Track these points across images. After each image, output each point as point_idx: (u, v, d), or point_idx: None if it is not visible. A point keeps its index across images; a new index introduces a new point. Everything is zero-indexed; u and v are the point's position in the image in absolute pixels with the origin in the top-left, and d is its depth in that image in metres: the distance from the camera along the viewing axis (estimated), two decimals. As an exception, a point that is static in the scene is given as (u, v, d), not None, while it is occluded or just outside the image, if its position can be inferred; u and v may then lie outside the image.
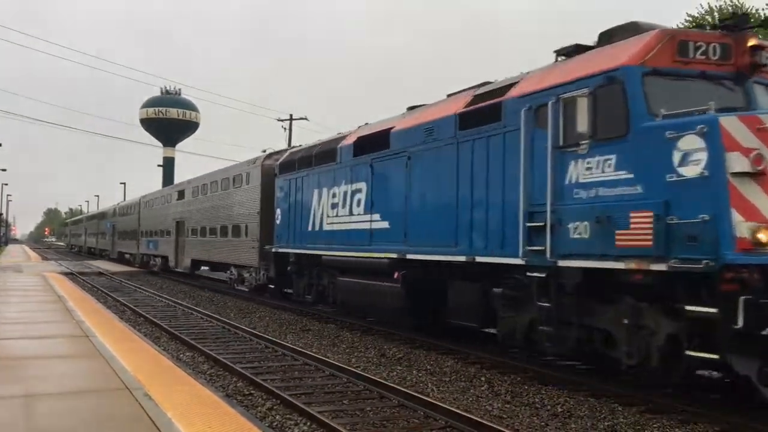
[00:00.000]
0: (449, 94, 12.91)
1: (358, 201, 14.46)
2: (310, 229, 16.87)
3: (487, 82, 11.91)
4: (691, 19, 28.43)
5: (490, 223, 10.41)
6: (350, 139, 15.39)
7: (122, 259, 47.18)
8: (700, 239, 7.19)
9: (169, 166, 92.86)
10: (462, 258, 10.99)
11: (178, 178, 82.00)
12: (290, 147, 25.59)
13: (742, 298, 6.86)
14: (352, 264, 14.55)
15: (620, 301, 8.41)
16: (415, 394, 8.35)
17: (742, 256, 7.02)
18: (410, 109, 14.23)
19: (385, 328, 14.40)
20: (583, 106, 8.75)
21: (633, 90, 8.20)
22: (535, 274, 9.26)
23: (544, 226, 9.10)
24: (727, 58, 8.35)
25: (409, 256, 12.50)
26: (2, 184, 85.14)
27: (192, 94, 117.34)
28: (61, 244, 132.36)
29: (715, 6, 28.50)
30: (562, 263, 8.89)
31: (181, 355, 11.56)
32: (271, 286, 20.97)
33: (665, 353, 7.88)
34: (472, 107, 11.24)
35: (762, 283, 7.05)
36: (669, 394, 8.57)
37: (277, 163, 19.88)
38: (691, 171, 7.43)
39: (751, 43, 8.32)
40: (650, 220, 7.68)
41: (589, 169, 8.64)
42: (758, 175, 7.15)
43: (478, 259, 10.62)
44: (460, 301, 11.48)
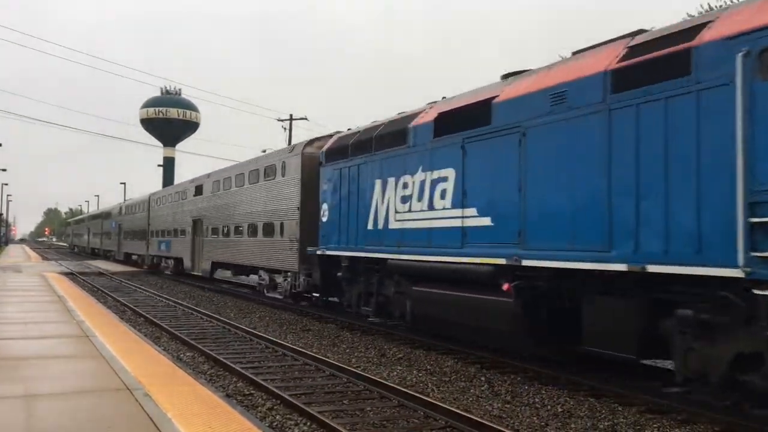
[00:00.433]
0: (575, 52, 10.11)
1: (442, 192, 11.65)
2: (370, 227, 13.93)
3: (642, 30, 9.09)
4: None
5: (675, 219, 7.71)
6: (427, 116, 12.54)
7: (129, 261, 44.96)
8: None
9: (169, 166, 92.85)
10: (621, 266, 8.17)
11: (178, 178, 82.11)
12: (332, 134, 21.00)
13: None
14: (434, 271, 11.81)
15: None
16: (415, 394, 8.36)
17: None
18: (507, 77, 11.33)
19: (386, 329, 14.38)
20: None
21: None
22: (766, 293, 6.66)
23: None
24: None
25: (528, 263, 9.59)
26: (2, 184, 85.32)
27: (192, 94, 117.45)
28: (62, 244, 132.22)
29: (716, 6, 28.53)
30: None
31: (182, 355, 11.57)
32: (315, 295, 17.70)
33: None
34: (636, 60, 8.38)
35: None
36: (669, 394, 8.57)
37: (323, 149, 16.71)
38: None
39: None
40: None
41: None
42: None
43: (652, 269, 7.81)
44: (606, 324, 8.66)
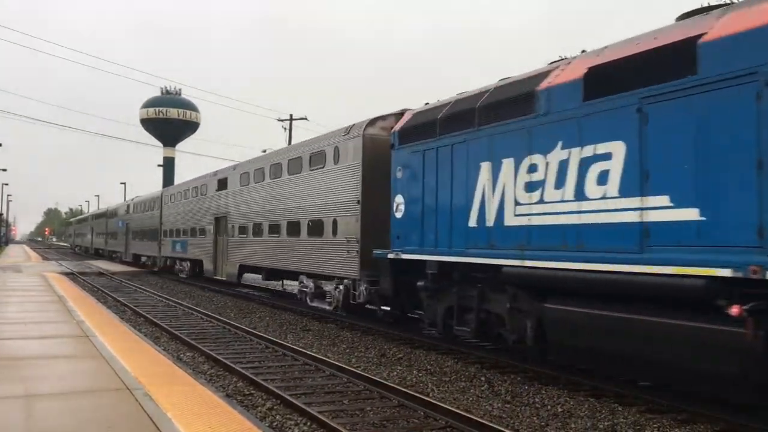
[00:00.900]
0: None
1: (601, 176, 8.73)
2: (472, 224, 10.93)
3: None
4: None
5: None
6: (568, 74, 9.50)
7: (138, 263, 41.47)
8: None
9: (169, 166, 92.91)
10: None
11: (178, 178, 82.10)
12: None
13: None
14: (587, 284, 8.77)
15: None
16: (415, 394, 8.36)
17: None
18: (688, 15, 8.50)
19: (385, 329, 14.37)
20: None
21: None
22: None
23: None
24: None
25: None
26: (2, 184, 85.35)
27: (192, 94, 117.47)
28: (63, 244, 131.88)
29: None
30: None
31: (182, 355, 11.57)
32: (384, 308, 14.73)
33: None
34: None
35: None
36: (669, 394, 8.57)
37: (395, 129, 13.61)
38: None
39: None
40: None
41: None
42: None
43: None
44: None
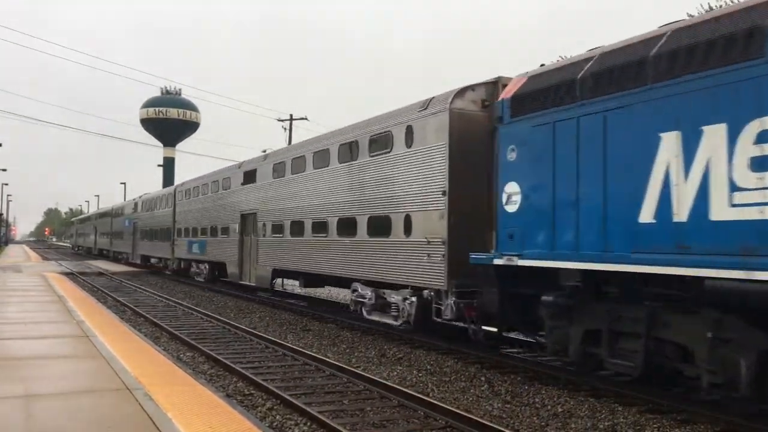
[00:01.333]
0: None
1: None
2: (646, 218, 7.96)
3: None
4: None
5: None
6: None
7: (146, 265, 38.66)
8: None
9: (169, 166, 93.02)
10: None
11: (179, 178, 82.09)
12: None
13: None
14: None
15: None
16: (415, 394, 8.36)
17: None
18: None
19: (385, 329, 14.38)
20: None
21: None
22: None
23: None
24: None
25: None
26: (2, 184, 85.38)
27: (192, 94, 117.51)
28: (65, 244, 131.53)
29: (716, 6, 28.54)
30: None
31: (182, 355, 11.57)
32: (472, 326, 11.65)
33: None
34: None
35: None
36: (669, 394, 8.57)
37: (506, 96, 10.35)
38: None
39: None
40: None
41: None
42: None
43: None
44: None
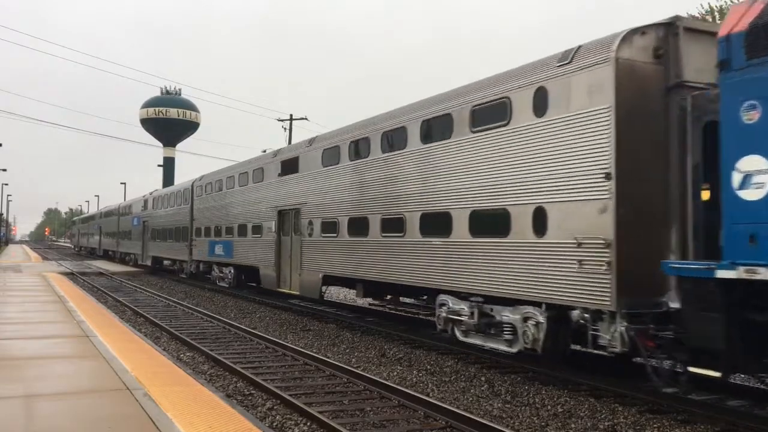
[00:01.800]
0: None
1: None
2: None
3: None
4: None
5: None
6: None
7: (160, 268, 36.11)
8: None
9: (169, 166, 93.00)
10: None
11: (178, 178, 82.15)
12: None
13: None
14: None
15: None
16: (416, 394, 8.36)
17: None
18: None
19: (385, 329, 14.38)
20: None
21: None
22: None
23: None
24: None
25: None
26: (2, 184, 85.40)
27: (192, 94, 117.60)
28: (65, 244, 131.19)
29: (716, 6, 28.55)
30: None
31: (182, 355, 11.57)
32: (653, 361, 8.25)
33: None
34: None
35: None
36: (669, 394, 8.56)
37: (740, 28, 7.14)
38: None
39: None
40: None
41: None
42: None
43: None
44: None
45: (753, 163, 6.91)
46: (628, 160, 8.64)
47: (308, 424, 7.37)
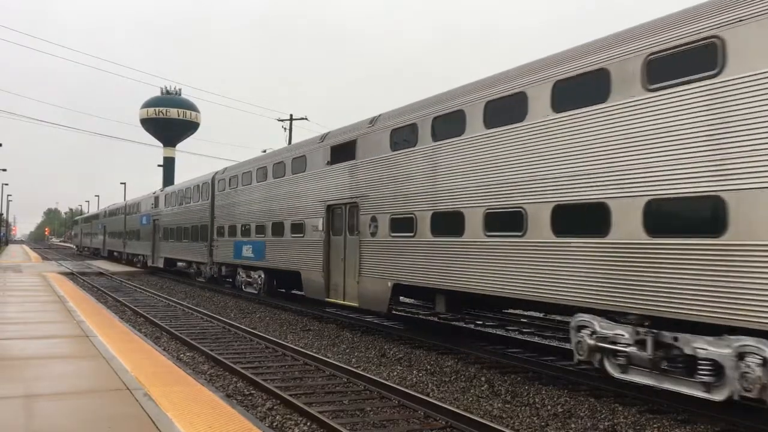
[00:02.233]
0: None
1: None
2: None
3: None
4: None
5: None
6: None
7: (172, 271, 33.97)
8: None
9: (169, 166, 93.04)
10: None
11: (178, 177, 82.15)
12: None
13: None
14: None
15: None
16: (416, 394, 8.36)
17: None
18: None
19: (385, 328, 14.39)
20: None
21: None
22: None
23: None
24: None
25: None
26: (2, 184, 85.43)
27: (192, 94, 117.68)
28: (65, 244, 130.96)
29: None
30: None
31: (182, 355, 11.57)
32: None
33: None
34: None
35: None
36: (669, 394, 8.56)
37: None
38: None
39: None
40: None
41: None
42: None
43: None
44: None
45: None
46: None
47: (308, 424, 7.37)
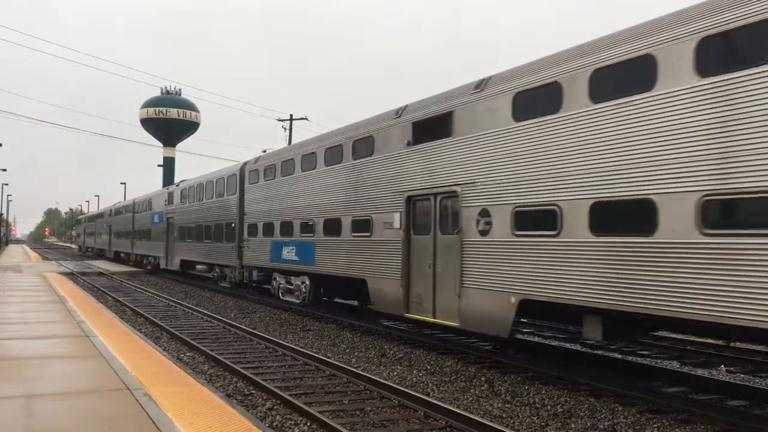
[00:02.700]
0: None
1: None
2: None
3: None
4: None
5: None
6: None
7: (188, 274, 31.72)
8: None
9: (169, 166, 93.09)
10: None
11: (179, 178, 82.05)
12: None
13: None
14: None
15: None
16: (416, 394, 8.35)
17: None
18: None
19: (385, 328, 14.39)
20: None
21: None
22: None
23: None
24: None
25: None
26: (2, 184, 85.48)
27: (192, 94, 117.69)
28: (66, 244, 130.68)
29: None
30: None
31: (182, 355, 11.57)
32: None
33: None
34: None
35: None
36: (669, 394, 8.57)
37: None
38: None
39: None
40: None
41: None
42: None
43: None
44: None
45: None
46: None
47: (308, 424, 7.38)
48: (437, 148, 12.31)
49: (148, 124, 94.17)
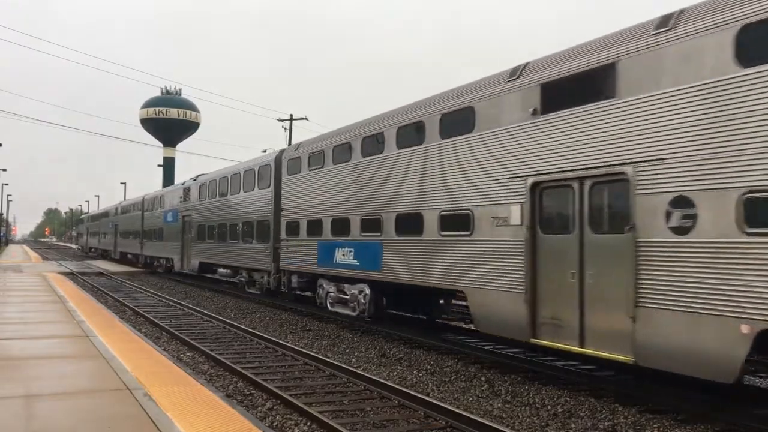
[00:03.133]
0: None
1: None
2: None
3: None
4: None
5: None
6: None
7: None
8: None
9: (169, 166, 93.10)
10: None
11: (179, 178, 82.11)
12: None
13: None
14: None
15: None
16: (416, 394, 8.36)
17: None
18: None
19: (385, 328, 14.39)
20: None
21: None
22: None
23: None
24: None
25: None
26: (2, 184, 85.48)
27: (192, 94, 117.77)
28: (66, 244, 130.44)
29: None
30: None
31: (182, 355, 11.57)
32: None
33: None
34: None
35: None
36: (669, 394, 8.57)
37: None
38: None
39: None
40: None
41: None
42: None
43: None
44: None
45: None
46: None
47: (308, 424, 7.38)
48: (587, 115, 9.18)
49: (148, 124, 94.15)
